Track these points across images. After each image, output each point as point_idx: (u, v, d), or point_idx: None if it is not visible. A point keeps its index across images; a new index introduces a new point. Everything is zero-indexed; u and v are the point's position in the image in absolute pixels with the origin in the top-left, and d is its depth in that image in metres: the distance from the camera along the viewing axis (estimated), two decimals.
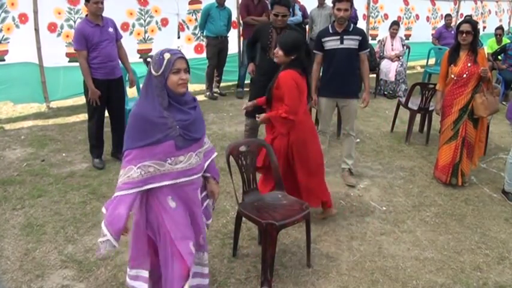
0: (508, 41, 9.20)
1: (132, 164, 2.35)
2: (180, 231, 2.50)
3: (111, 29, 4.83)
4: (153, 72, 2.37)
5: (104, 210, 2.40)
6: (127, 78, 5.40)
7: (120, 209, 2.35)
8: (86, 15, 4.77)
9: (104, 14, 4.77)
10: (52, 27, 6.78)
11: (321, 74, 4.77)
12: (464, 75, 4.56)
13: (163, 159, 2.39)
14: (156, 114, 2.35)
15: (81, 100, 7.20)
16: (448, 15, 10.39)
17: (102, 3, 4.65)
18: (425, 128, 6.28)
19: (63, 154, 5.36)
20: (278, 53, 3.63)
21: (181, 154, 2.44)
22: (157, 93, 2.36)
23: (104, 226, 2.37)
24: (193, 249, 2.55)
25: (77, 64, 5.18)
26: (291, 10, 7.81)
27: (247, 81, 7.93)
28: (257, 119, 3.82)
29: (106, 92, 4.88)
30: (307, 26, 8.57)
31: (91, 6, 4.62)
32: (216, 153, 2.82)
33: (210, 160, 2.74)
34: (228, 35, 7.92)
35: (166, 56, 2.36)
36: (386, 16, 10.77)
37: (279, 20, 4.50)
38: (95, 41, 4.67)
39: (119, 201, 2.36)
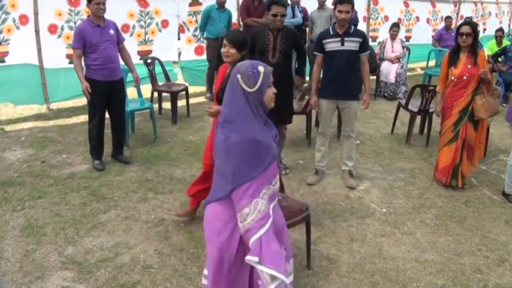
0: (508, 43, 9.20)
1: (256, 197, 2.16)
2: None
3: (112, 31, 4.84)
4: (246, 88, 2.17)
5: (255, 259, 2.14)
6: (127, 80, 5.41)
7: (274, 245, 2.16)
8: (88, 16, 4.79)
9: (104, 16, 4.78)
10: (52, 28, 6.79)
11: (321, 75, 4.78)
12: (465, 77, 4.57)
13: (271, 181, 2.25)
14: (263, 134, 2.19)
15: (81, 101, 7.23)
16: (448, 17, 10.39)
17: (103, 4, 4.66)
18: (425, 130, 6.27)
19: (63, 155, 5.36)
20: (230, 52, 3.38)
21: (277, 171, 2.32)
22: (256, 111, 2.20)
23: (276, 273, 2.13)
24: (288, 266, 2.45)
25: None
26: (290, 11, 7.88)
27: None
28: (207, 109, 3.46)
29: (107, 94, 4.88)
30: (307, 28, 8.57)
31: (92, 7, 4.64)
32: None
33: None
34: None
35: (261, 69, 2.19)
36: (386, 18, 10.78)
37: (278, 20, 4.45)
38: (94, 41, 4.68)
39: (266, 240, 2.14)
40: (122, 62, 5.09)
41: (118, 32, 4.99)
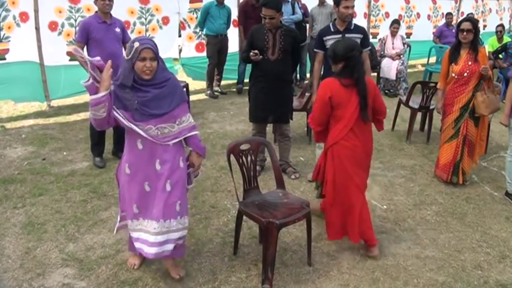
0: (509, 40, 9.18)
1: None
2: None
3: (118, 29, 4.85)
4: (125, 56, 2.82)
5: None
6: None
7: None
8: (96, 12, 4.81)
9: (111, 13, 4.79)
10: (53, 25, 6.78)
11: (321, 72, 4.77)
12: (465, 74, 4.56)
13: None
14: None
15: (82, 99, 7.23)
16: (449, 14, 10.37)
17: (110, 0, 4.67)
18: (426, 127, 6.27)
19: (64, 153, 5.36)
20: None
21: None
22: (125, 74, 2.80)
23: None
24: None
25: (77, 63, 5.12)
26: (290, 8, 7.86)
27: (246, 80, 7.93)
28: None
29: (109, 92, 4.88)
30: (307, 25, 8.55)
31: (99, 3, 4.67)
32: (194, 132, 3.04)
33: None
34: (227, 32, 7.89)
35: (136, 45, 2.74)
36: (387, 14, 10.76)
37: (266, 22, 4.42)
38: (98, 36, 4.69)
39: None
40: None
41: (124, 30, 4.98)
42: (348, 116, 3.36)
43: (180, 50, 8.61)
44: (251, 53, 4.47)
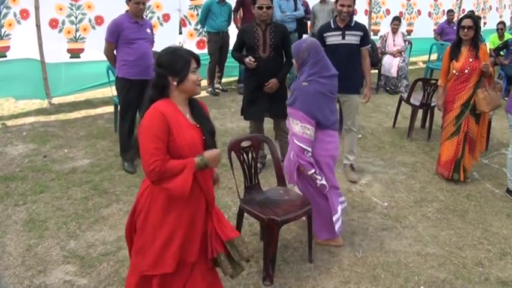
0: (510, 37, 9.17)
1: None
2: None
3: (148, 30, 4.80)
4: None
5: None
6: None
7: None
8: (127, 11, 4.74)
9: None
10: (53, 23, 6.77)
11: None
12: (466, 71, 4.55)
13: None
14: None
15: (83, 96, 7.25)
16: (450, 11, 10.36)
17: (143, 4, 4.61)
18: (427, 124, 6.27)
19: (65, 150, 5.36)
20: None
21: None
22: None
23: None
24: None
25: (78, 60, 5.09)
26: (293, 4, 7.85)
27: None
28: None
29: (140, 93, 4.80)
30: (308, 22, 8.54)
31: (132, 6, 4.58)
32: None
33: None
34: (229, 29, 7.88)
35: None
36: (388, 11, 10.73)
37: (264, 12, 4.37)
38: (130, 36, 4.62)
39: None
40: None
41: (152, 31, 4.94)
42: None
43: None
44: (247, 60, 4.47)
